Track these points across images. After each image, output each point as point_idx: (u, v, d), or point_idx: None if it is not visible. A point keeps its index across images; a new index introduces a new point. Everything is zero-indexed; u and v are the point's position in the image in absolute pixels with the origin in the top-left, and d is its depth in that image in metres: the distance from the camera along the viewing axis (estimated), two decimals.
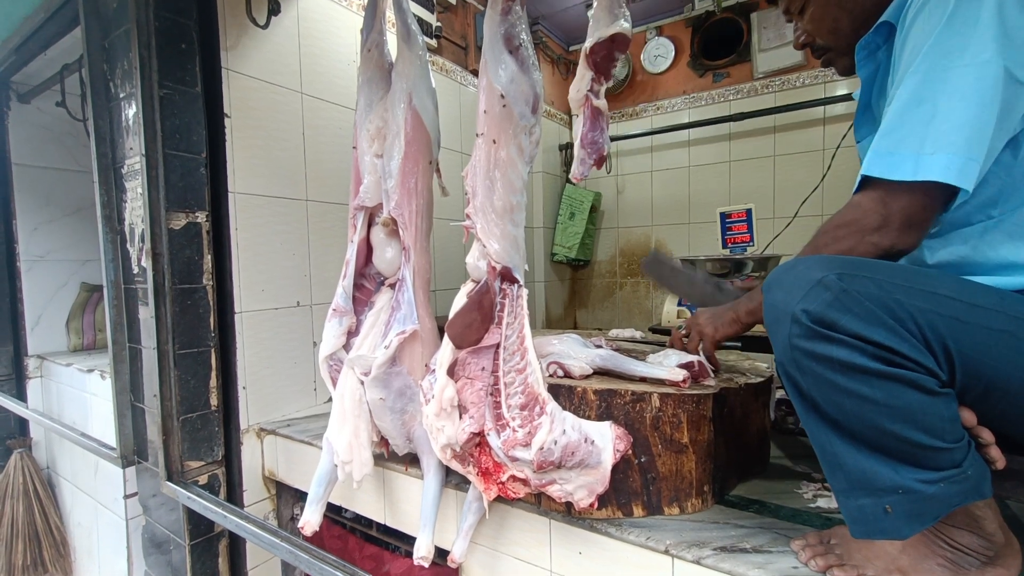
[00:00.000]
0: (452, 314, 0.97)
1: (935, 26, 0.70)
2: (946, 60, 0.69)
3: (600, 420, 0.92)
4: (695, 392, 0.95)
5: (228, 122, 1.39)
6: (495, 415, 0.93)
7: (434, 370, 0.98)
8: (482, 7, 2.37)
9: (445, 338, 0.97)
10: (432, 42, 2.11)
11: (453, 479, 1.12)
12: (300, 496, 1.51)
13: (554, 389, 0.97)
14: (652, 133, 2.81)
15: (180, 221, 1.31)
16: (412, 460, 1.18)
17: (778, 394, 1.36)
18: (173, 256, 1.29)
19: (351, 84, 1.68)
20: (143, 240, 1.30)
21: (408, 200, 1.11)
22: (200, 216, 1.35)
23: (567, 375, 1.04)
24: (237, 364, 1.42)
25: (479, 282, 0.98)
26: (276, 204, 1.52)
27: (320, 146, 1.65)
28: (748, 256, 2.04)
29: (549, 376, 1.03)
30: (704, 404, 0.96)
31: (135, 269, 1.39)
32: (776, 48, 2.43)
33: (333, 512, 1.46)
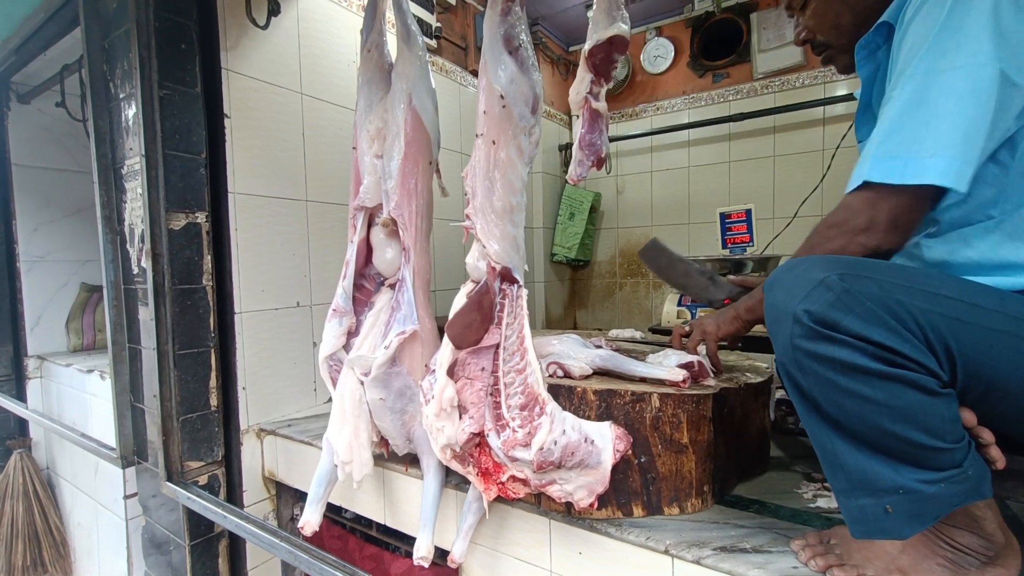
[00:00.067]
0: (452, 314, 0.97)
1: (931, 28, 0.70)
2: (942, 63, 0.69)
3: (600, 420, 0.92)
4: (695, 392, 0.95)
5: (228, 122, 1.39)
6: (495, 415, 0.93)
7: (434, 370, 0.98)
8: (482, 8, 2.37)
9: (445, 338, 0.97)
10: (432, 43, 2.11)
11: (453, 479, 1.12)
12: (300, 496, 1.51)
13: (554, 389, 0.97)
14: (652, 133, 2.81)
15: (180, 221, 1.31)
16: (412, 460, 1.18)
17: (778, 394, 1.36)
18: (173, 256, 1.29)
19: (351, 85, 1.68)
20: (143, 240, 1.30)
21: (408, 200, 1.11)
22: (200, 216, 1.35)
23: (567, 375, 1.04)
24: (237, 364, 1.42)
25: (479, 282, 0.98)
26: (276, 204, 1.52)
27: (320, 147, 1.65)
28: (748, 256, 2.04)
29: (549, 376, 1.03)
30: (704, 404, 0.96)
31: (135, 269, 1.39)
32: (776, 48, 2.43)
33: (333, 512, 1.46)
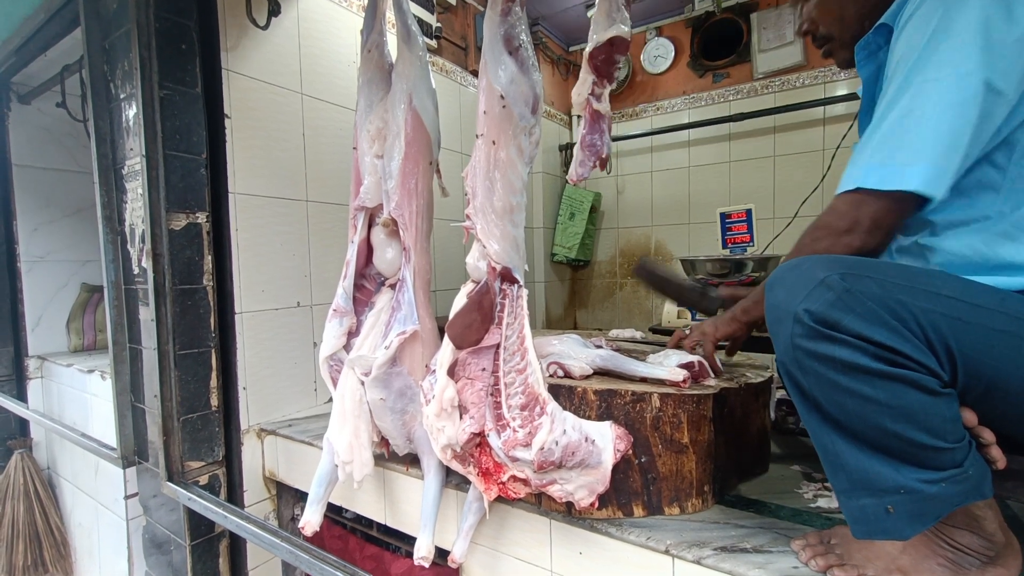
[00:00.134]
0: (452, 314, 0.97)
1: (923, 36, 0.72)
2: (929, 72, 0.71)
3: (600, 420, 0.92)
4: (695, 392, 0.95)
5: (228, 123, 1.39)
6: (495, 415, 0.93)
7: (434, 370, 0.98)
8: (482, 8, 2.37)
9: (445, 338, 0.97)
10: (432, 43, 2.11)
11: (453, 479, 1.12)
12: (300, 496, 1.51)
13: (554, 389, 0.97)
14: (652, 133, 2.81)
15: (180, 222, 1.31)
16: (412, 460, 1.18)
17: (778, 394, 1.36)
18: (173, 257, 1.29)
19: (351, 85, 1.68)
20: (143, 241, 1.30)
21: (408, 201, 1.11)
22: (200, 217, 1.35)
23: (567, 375, 1.04)
24: (237, 364, 1.42)
25: (479, 282, 0.98)
26: (276, 205, 1.53)
27: (320, 147, 1.65)
28: (748, 256, 2.04)
29: (549, 376, 1.03)
30: (704, 404, 0.96)
31: (135, 270, 1.39)
32: (776, 48, 2.43)
33: (334, 512, 1.46)
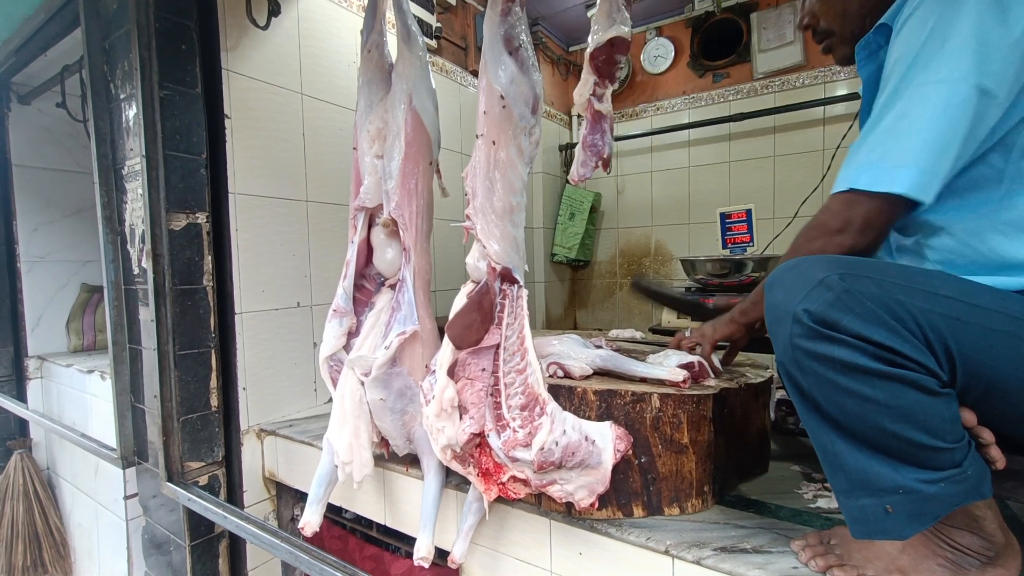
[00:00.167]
0: (452, 315, 0.97)
1: (918, 39, 0.72)
2: (923, 76, 0.71)
3: (600, 420, 0.92)
4: (695, 392, 0.95)
5: (228, 123, 1.39)
6: (495, 416, 0.93)
7: (434, 371, 0.98)
8: (482, 8, 2.37)
9: (445, 339, 0.97)
10: (432, 43, 2.11)
11: (453, 480, 1.12)
12: (300, 497, 1.51)
13: (554, 390, 0.97)
14: (652, 133, 2.81)
15: (180, 222, 1.31)
16: (412, 461, 1.18)
17: (778, 394, 1.36)
18: (173, 257, 1.29)
19: (351, 85, 1.68)
20: (143, 241, 1.30)
21: (408, 201, 1.11)
22: (200, 217, 1.35)
23: (567, 375, 1.04)
24: (237, 365, 1.42)
25: (479, 283, 0.98)
26: (276, 205, 1.53)
27: (320, 147, 1.65)
28: (748, 256, 2.04)
29: (549, 377, 1.03)
30: (704, 404, 0.96)
31: (135, 270, 1.39)
32: (776, 48, 2.43)
33: (333, 513, 1.46)
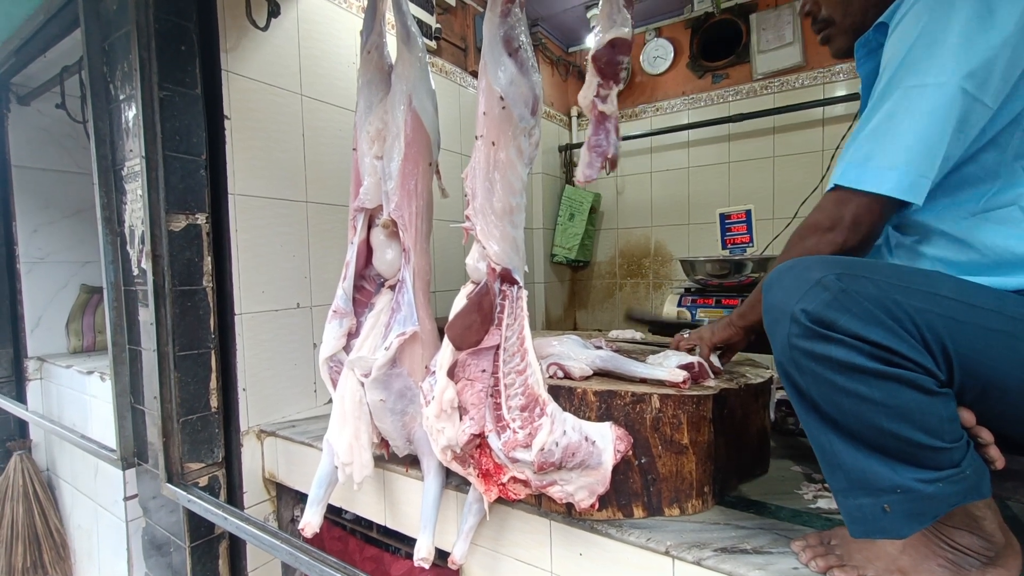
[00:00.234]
0: (452, 316, 0.97)
1: (908, 41, 0.74)
2: (911, 78, 0.73)
3: (600, 421, 0.92)
4: (695, 393, 0.96)
5: (228, 124, 1.39)
6: (495, 416, 0.93)
7: (434, 372, 0.98)
8: (481, 9, 2.37)
9: (445, 340, 0.97)
10: (432, 44, 2.12)
11: (453, 480, 1.12)
12: (300, 498, 1.51)
13: (554, 390, 0.97)
14: (652, 134, 2.81)
15: (180, 223, 1.31)
16: (412, 462, 1.18)
17: (778, 395, 1.36)
18: (173, 258, 1.29)
19: (351, 86, 1.68)
20: (143, 242, 1.30)
21: (408, 202, 1.11)
22: (200, 218, 1.35)
23: (567, 376, 1.04)
24: (237, 366, 1.42)
25: (479, 284, 0.98)
26: (276, 206, 1.53)
27: (320, 148, 1.65)
28: (748, 257, 2.05)
29: (549, 377, 1.03)
30: (704, 405, 0.96)
31: (135, 271, 1.39)
32: (775, 49, 2.43)
33: (333, 514, 1.46)
